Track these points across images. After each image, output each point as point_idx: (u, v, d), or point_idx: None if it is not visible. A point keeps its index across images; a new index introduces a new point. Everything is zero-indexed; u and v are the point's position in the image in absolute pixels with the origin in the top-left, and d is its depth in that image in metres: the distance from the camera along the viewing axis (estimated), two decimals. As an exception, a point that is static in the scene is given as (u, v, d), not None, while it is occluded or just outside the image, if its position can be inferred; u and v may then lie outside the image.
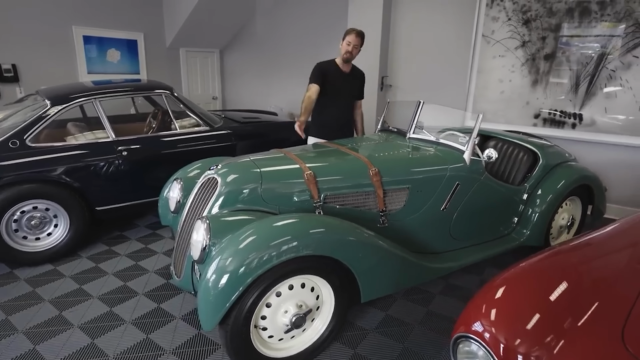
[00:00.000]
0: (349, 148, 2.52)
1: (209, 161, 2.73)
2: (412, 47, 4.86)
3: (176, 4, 5.58)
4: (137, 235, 3.37)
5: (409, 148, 2.61)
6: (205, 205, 2.05)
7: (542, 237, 2.85)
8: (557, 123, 4.07)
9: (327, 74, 3.15)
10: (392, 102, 3.24)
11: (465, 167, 2.45)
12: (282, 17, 6.07)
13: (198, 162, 2.72)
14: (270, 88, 6.60)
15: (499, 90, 4.33)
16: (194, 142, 3.44)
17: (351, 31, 3.08)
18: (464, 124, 4.54)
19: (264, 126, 4.06)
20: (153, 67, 5.82)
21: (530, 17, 4.01)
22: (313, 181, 2.11)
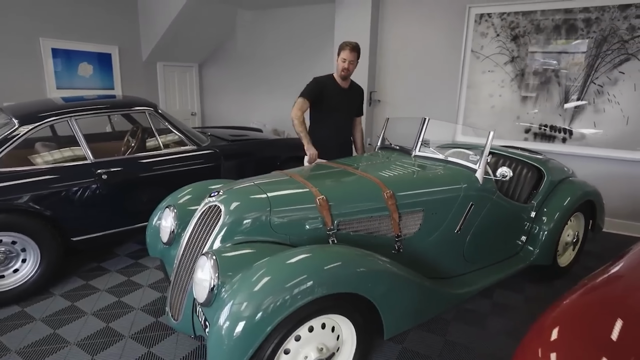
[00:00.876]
0: (355, 168, 2.36)
1: (201, 186, 2.50)
2: (400, 62, 4.82)
3: (153, 17, 5.33)
4: (117, 267, 3.05)
5: (418, 167, 2.48)
6: (207, 237, 1.82)
7: (551, 255, 2.78)
8: (548, 137, 4.10)
9: (323, 89, 3.01)
10: (392, 119, 3.12)
11: (478, 187, 2.35)
12: (263, 30, 5.93)
13: (188, 187, 2.48)
14: (251, 103, 6.41)
15: (489, 105, 4.34)
16: (180, 163, 3.18)
17: (345, 46, 2.94)
18: (454, 139, 4.52)
19: (253, 144, 3.85)
20: (128, 82, 5.50)
21: (518, 33, 4.05)
22: (326, 207, 1.92)
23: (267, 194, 1.91)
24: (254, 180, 2.09)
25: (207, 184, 2.55)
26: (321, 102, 2.99)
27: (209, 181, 2.62)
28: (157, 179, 3.07)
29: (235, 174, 3.57)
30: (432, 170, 2.42)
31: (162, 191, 2.96)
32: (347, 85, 3.09)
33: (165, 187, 3.06)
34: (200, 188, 2.46)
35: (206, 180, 2.64)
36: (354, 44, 2.95)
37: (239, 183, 2.06)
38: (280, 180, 2.12)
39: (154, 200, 2.61)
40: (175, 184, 3.08)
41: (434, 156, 2.59)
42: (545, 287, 2.89)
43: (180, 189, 2.46)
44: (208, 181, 2.62)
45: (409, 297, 1.86)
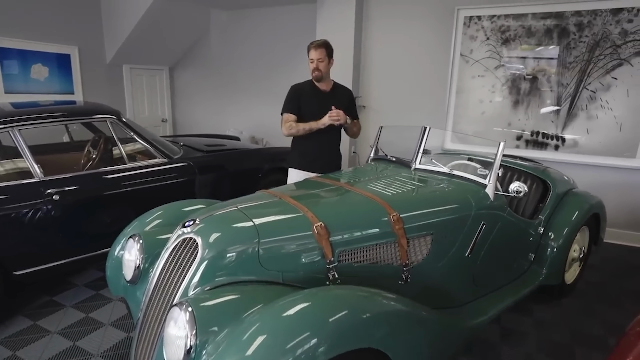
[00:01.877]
0: (352, 185, 2.07)
1: (173, 208, 2.13)
2: (386, 66, 4.59)
3: (117, 15, 4.88)
4: (74, 300, 2.62)
5: (421, 183, 2.22)
6: (181, 278, 1.47)
7: (561, 274, 2.59)
8: (540, 145, 3.96)
9: (301, 96, 2.71)
10: (386, 127, 2.86)
11: (489, 204, 2.11)
12: (238, 32, 5.58)
13: (158, 210, 2.11)
14: (227, 109, 6.03)
15: (480, 111, 4.17)
16: (148, 178, 2.79)
17: (310, 46, 2.66)
18: (443, 146, 4.32)
19: (231, 155, 3.50)
20: (90, 85, 5.01)
21: (509, 36, 3.89)
22: (325, 235, 1.62)
23: (253, 221, 1.58)
24: (237, 203, 1.75)
25: (181, 205, 2.19)
26: (300, 110, 2.69)
27: (183, 202, 2.25)
28: (122, 198, 2.68)
29: (212, 190, 3.21)
30: (437, 187, 2.16)
31: (127, 212, 2.58)
32: (328, 87, 2.78)
33: (132, 206, 2.69)
34: (172, 211, 2.10)
35: (179, 202, 2.26)
36: (319, 41, 2.67)
37: (218, 207, 1.72)
38: (267, 203, 1.80)
39: (118, 223, 2.23)
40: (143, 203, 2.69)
41: (437, 169, 2.33)
42: (553, 307, 2.69)
43: (148, 213, 2.08)
44: (182, 202, 2.24)
45: (425, 341, 1.57)
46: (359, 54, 4.65)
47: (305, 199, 1.83)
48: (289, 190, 2.03)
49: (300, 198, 1.83)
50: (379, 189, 2.01)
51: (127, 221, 2.12)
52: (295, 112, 2.70)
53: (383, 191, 1.98)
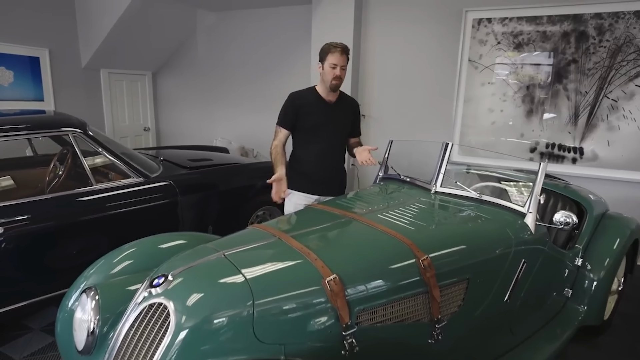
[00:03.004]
0: (366, 216, 1.69)
1: (145, 245, 1.72)
2: (388, 72, 4.25)
3: (93, 16, 4.46)
4: (26, 350, 2.18)
5: (447, 211, 1.86)
6: (147, 358, 1.07)
7: (602, 312, 2.25)
8: (556, 157, 3.65)
9: (302, 106, 2.32)
10: (396, 142, 2.50)
11: (531, 237, 1.75)
12: (227, 34, 5.19)
13: (127, 248, 1.69)
14: (214, 117, 5.62)
15: (490, 120, 3.85)
16: (119, 202, 2.38)
17: (333, 49, 2.24)
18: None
19: (219, 172, 3.09)
20: (63, 92, 4.56)
21: (522, 41, 3.59)
22: (340, 292, 1.23)
23: (245, 275, 1.20)
24: (223, 247, 1.36)
25: (157, 241, 1.77)
26: (301, 122, 2.32)
27: (160, 237, 1.81)
28: (87, 228, 2.25)
29: (198, 213, 2.80)
30: (468, 217, 1.80)
31: (94, 243, 2.17)
32: (334, 98, 2.40)
33: (101, 236, 2.27)
34: (145, 250, 1.69)
35: (157, 236, 1.82)
36: (344, 45, 2.29)
37: (198, 253, 1.33)
38: (263, 245, 1.40)
39: (86, 255, 1.83)
40: (115, 232, 2.29)
41: (463, 194, 1.97)
42: (589, 350, 2.34)
43: (112, 253, 1.67)
44: (159, 237, 1.81)
45: None
46: (358, 59, 4.31)
47: (310, 239, 1.45)
48: (288, 225, 1.64)
49: (304, 237, 1.45)
50: (399, 222, 1.63)
51: (98, 252, 1.71)
52: (289, 127, 2.32)
53: (405, 225, 1.61)
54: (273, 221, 1.70)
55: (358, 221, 1.64)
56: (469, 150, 3.91)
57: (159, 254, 1.65)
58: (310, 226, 1.58)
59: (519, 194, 1.99)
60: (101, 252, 1.72)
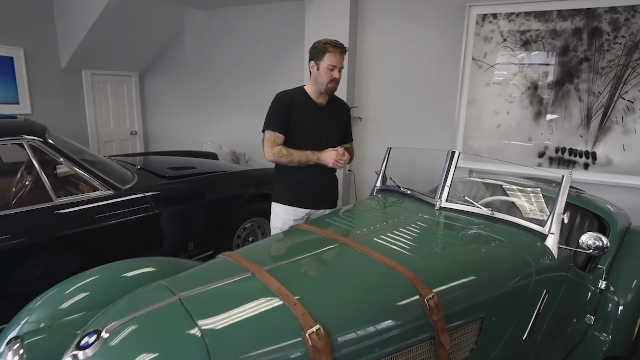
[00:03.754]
0: (358, 240, 1.43)
1: (105, 274, 1.46)
2: (385, 73, 4.00)
3: (72, 12, 4.20)
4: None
5: (455, 232, 1.60)
6: None
7: (630, 340, 1.98)
8: (567, 163, 3.40)
9: (291, 109, 2.07)
10: (395, 149, 2.25)
11: (553, 264, 1.49)
12: (216, 32, 4.93)
13: (84, 278, 1.42)
14: (204, 120, 5.35)
15: (495, 123, 3.59)
16: (84, 219, 2.11)
17: (333, 48, 1.98)
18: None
19: (202, 182, 2.83)
20: (41, 94, 4.30)
21: (530, 37, 3.34)
22: (325, 349, 0.97)
23: (202, 328, 0.94)
24: (181, 286, 1.10)
25: (121, 269, 1.51)
26: (290, 128, 2.06)
27: (127, 263, 1.56)
28: (44, 250, 1.98)
29: (178, 228, 2.55)
30: (478, 239, 1.54)
31: (51, 269, 1.91)
32: (325, 100, 2.14)
33: (58, 262, 2.01)
34: (105, 281, 1.42)
35: (120, 263, 1.56)
36: (341, 44, 2.04)
37: (147, 295, 1.07)
38: (230, 284, 1.14)
39: (37, 284, 1.56)
40: (77, 255, 2.03)
41: (471, 210, 1.72)
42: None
43: (62, 285, 1.39)
44: (124, 264, 1.55)
45: None
46: (354, 59, 4.06)
47: (291, 276, 1.19)
48: (266, 254, 1.38)
49: (283, 272, 1.19)
50: (399, 247, 1.38)
51: (54, 281, 1.45)
52: (283, 131, 2.06)
53: (406, 251, 1.35)
54: (249, 248, 1.44)
55: (350, 247, 1.38)
56: (473, 156, 3.65)
57: (121, 284, 1.39)
58: (292, 255, 1.32)
59: (535, 208, 1.73)
60: (58, 280, 1.46)
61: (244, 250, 1.39)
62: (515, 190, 2.11)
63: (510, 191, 2.15)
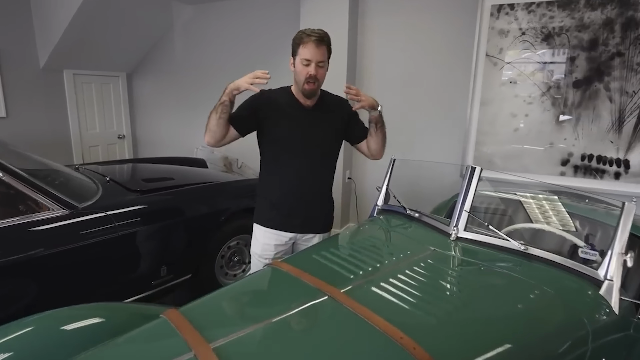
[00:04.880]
0: (352, 293, 1.07)
1: (41, 323, 1.12)
2: (390, 71, 3.63)
3: (50, 8, 3.87)
4: None
5: (479, 275, 1.23)
6: None
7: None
8: (594, 172, 3.01)
9: (269, 108, 1.72)
10: (399, 160, 1.89)
11: (612, 321, 1.12)
12: (207, 29, 4.59)
13: (2, 334, 1.09)
14: (195, 122, 4.98)
15: (512, 127, 3.21)
16: (25, 246, 1.77)
17: (307, 38, 1.61)
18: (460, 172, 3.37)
19: (179, 196, 2.47)
20: (17, 96, 3.98)
21: (552, 31, 2.96)
22: None
23: None
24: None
25: (64, 318, 1.18)
26: (268, 133, 1.72)
27: (71, 311, 1.24)
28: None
29: (146, 253, 2.19)
30: (510, 286, 1.17)
31: None
32: (312, 102, 1.78)
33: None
34: (40, 338, 1.09)
35: (62, 310, 1.24)
36: (320, 33, 1.64)
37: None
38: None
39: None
40: (16, 291, 1.70)
41: (496, 242, 1.35)
42: None
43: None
44: (68, 312, 1.23)
45: None
46: (354, 57, 3.70)
47: (250, 355, 0.83)
48: (217, 319, 1.02)
49: (239, 351, 0.83)
50: (405, 303, 1.02)
51: None
52: (238, 127, 1.71)
53: (415, 308, 0.99)
54: (202, 302, 1.08)
55: (340, 304, 1.01)
56: (487, 164, 3.28)
57: (59, 340, 1.07)
58: (255, 320, 0.96)
59: (578, 239, 1.36)
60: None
61: (193, 307, 1.03)
62: (548, 211, 1.74)
63: (540, 210, 1.78)
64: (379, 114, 1.74)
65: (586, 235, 1.61)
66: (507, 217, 1.96)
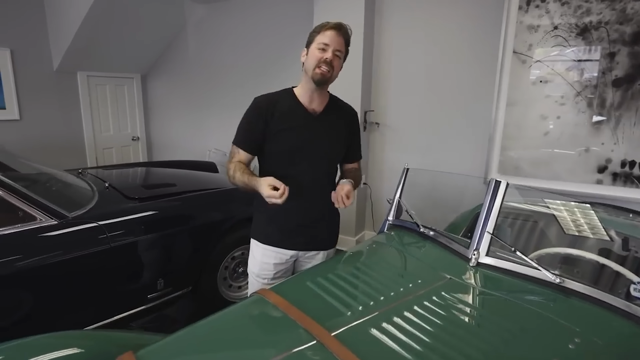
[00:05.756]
0: (344, 336, 0.88)
1: (12, 356, 0.99)
2: (408, 71, 3.42)
3: (62, 10, 3.85)
4: None
5: (503, 313, 1.02)
6: None
7: None
8: (635, 180, 2.71)
9: (269, 119, 1.54)
10: (412, 170, 1.68)
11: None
12: (219, 29, 4.48)
13: None
14: (209, 124, 4.92)
15: (542, 130, 2.94)
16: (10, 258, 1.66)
17: (328, 25, 1.44)
18: (487, 175, 3.12)
19: (179, 204, 2.34)
20: (30, 98, 3.98)
21: (589, 24, 2.68)
22: None
23: None
24: None
25: (38, 347, 1.05)
26: (271, 144, 1.55)
27: (47, 339, 1.11)
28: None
29: (141, 265, 2.07)
30: (542, 329, 0.96)
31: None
32: (321, 106, 1.58)
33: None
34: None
35: (38, 339, 1.11)
36: (339, 24, 1.47)
37: None
38: None
39: None
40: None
41: (524, 272, 1.14)
42: None
43: None
44: (43, 340, 1.10)
45: None
46: (370, 56, 3.50)
47: None
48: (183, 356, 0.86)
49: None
50: (412, 354, 0.82)
51: None
52: (248, 148, 1.56)
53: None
54: (162, 345, 0.92)
55: (329, 351, 0.83)
56: (513, 170, 3.02)
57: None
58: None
59: (622, 266, 1.13)
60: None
61: (151, 352, 0.87)
62: (587, 230, 1.51)
63: (578, 229, 1.54)
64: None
65: (635, 261, 1.36)
66: (537, 234, 1.72)
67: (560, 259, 1.44)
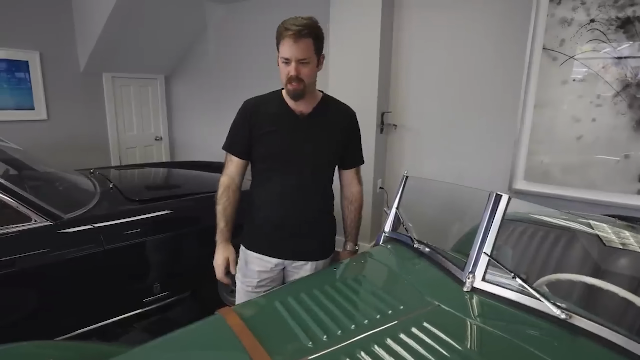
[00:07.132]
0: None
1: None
2: (428, 69, 3.23)
3: (88, 13, 3.96)
4: None
5: (497, 353, 0.86)
6: None
7: None
8: (685, 192, 2.39)
9: (255, 122, 1.45)
10: (412, 178, 1.53)
11: None
12: (240, 28, 4.46)
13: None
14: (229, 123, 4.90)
15: (574, 134, 2.67)
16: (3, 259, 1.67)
17: (285, 33, 1.32)
18: (512, 186, 2.87)
19: (180, 207, 2.29)
20: (58, 99, 4.12)
21: (632, 16, 2.39)
22: None
23: None
24: None
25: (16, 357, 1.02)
26: (256, 148, 1.46)
27: (26, 348, 1.08)
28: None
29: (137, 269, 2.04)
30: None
31: None
32: (309, 107, 1.47)
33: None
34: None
35: (17, 347, 1.08)
36: (304, 24, 1.32)
37: None
38: None
39: None
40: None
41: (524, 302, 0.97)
42: None
43: None
44: (22, 349, 1.07)
45: None
46: (389, 55, 3.33)
47: None
48: None
49: None
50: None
51: None
52: (243, 153, 1.49)
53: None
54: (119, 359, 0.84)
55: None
56: (542, 176, 2.77)
57: None
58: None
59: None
60: None
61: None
62: (631, 240, 1.30)
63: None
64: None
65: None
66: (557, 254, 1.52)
67: (581, 288, 1.24)
